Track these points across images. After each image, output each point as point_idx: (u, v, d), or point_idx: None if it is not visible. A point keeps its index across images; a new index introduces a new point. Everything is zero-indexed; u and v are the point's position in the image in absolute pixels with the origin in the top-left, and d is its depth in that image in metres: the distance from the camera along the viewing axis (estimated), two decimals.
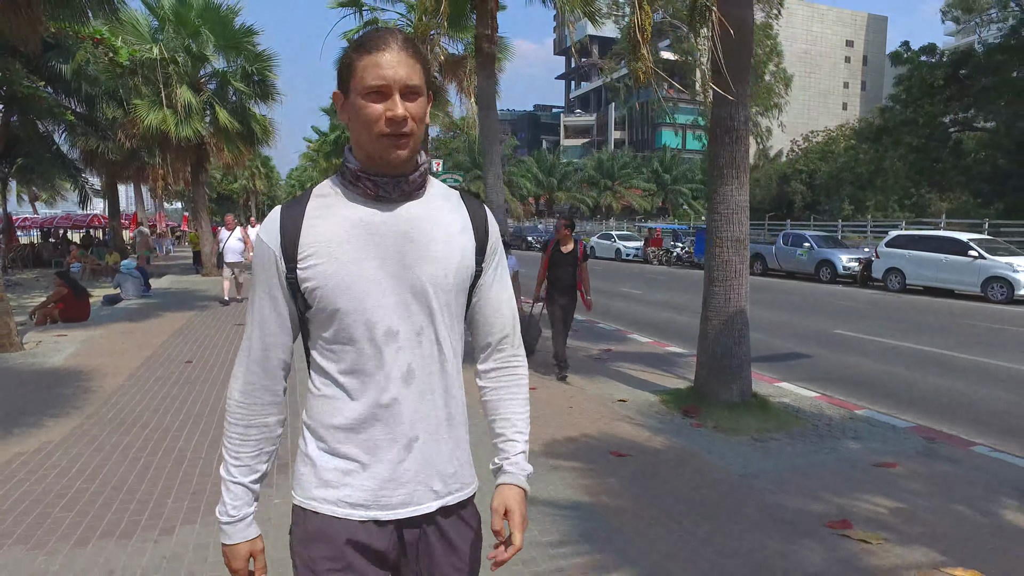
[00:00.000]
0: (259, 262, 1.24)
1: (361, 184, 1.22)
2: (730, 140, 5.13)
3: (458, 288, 1.27)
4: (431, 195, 1.29)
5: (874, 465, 4.39)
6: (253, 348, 1.26)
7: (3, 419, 4.90)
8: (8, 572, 2.76)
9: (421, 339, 1.23)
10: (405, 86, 1.16)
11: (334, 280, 1.18)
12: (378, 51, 1.16)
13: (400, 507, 1.23)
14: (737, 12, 5.09)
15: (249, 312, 1.28)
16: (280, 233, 1.21)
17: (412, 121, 1.18)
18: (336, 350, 1.22)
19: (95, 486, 3.71)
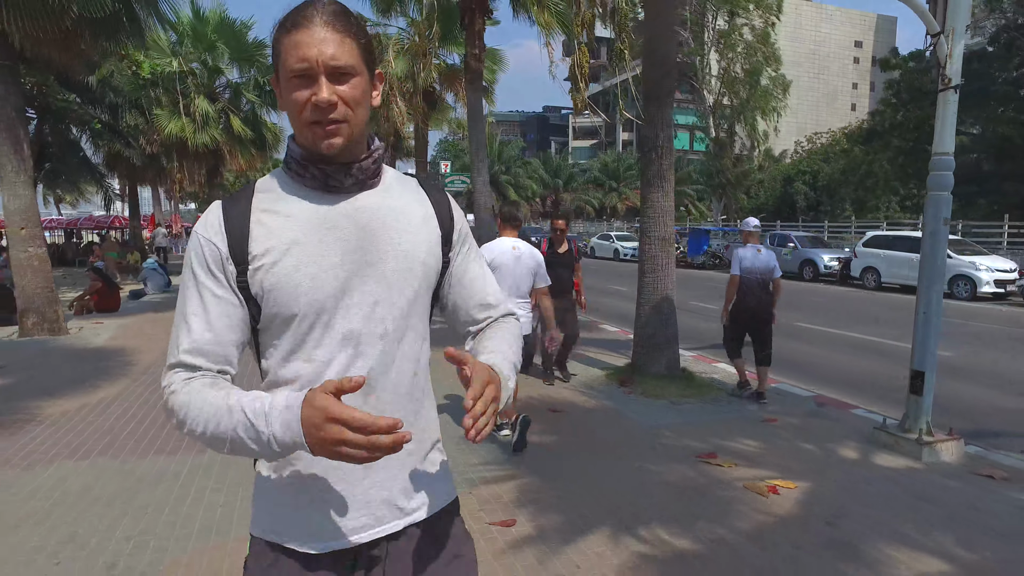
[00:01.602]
0: (198, 262, 1.07)
1: (308, 173, 1.10)
2: (656, 156, 6.22)
3: (425, 282, 1.17)
4: (388, 183, 1.19)
5: (761, 421, 5.46)
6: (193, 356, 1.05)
7: (66, 383, 6.10)
8: (98, 470, 3.95)
9: (384, 341, 1.11)
10: (331, 66, 1.02)
11: (291, 281, 1.05)
12: (297, 29, 1.02)
13: (362, 530, 1.11)
14: (660, 48, 6.18)
15: (183, 315, 1.07)
16: (226, 232, 1.07)
17: (344, 105, 1.04)
18: (289, 361, 1.09)
19: (144, 425, 4.88)
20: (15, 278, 8.50)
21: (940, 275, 4.79)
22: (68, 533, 3.18)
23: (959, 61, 4.48)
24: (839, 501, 3.78)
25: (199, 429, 0.99)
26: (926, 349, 4.74)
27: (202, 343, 1.04)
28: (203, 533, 3.21)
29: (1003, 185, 25.13)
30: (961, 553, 3.19)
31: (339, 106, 1.04)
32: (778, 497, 3.84)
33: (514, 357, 1.20)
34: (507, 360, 1.17)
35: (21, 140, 8.12)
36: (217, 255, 1.06)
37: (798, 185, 42.81)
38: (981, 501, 3.84)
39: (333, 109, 1.03)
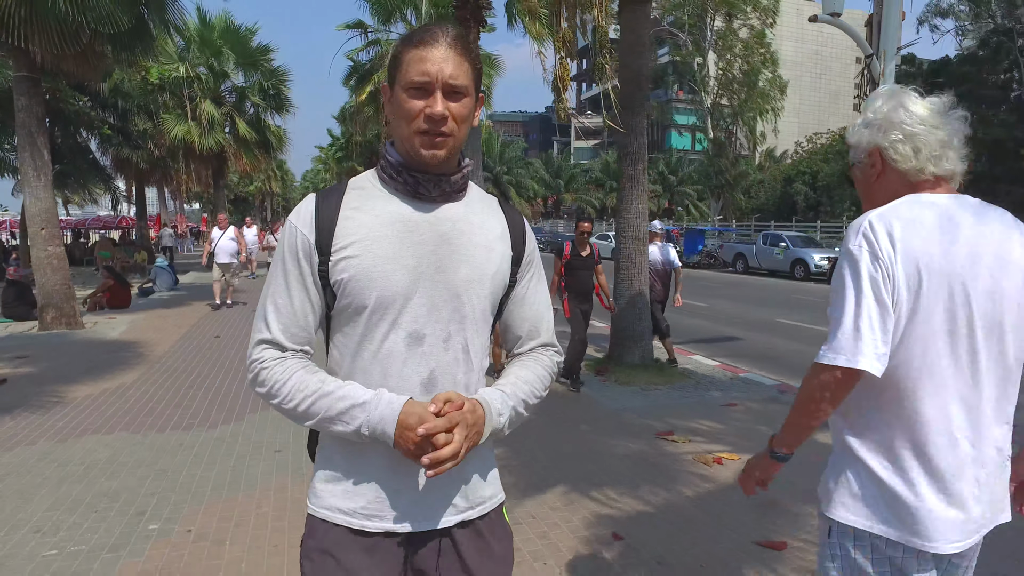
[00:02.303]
0: (290, 249, 1.17)
1: (401, 179, 1.19)
2: (630, 161, 6.74)
3: (492, 296, 1.24)
4: (470, 198, 1.27)
5: (722, 405, 5.97)
6: (276, 338, 1.17)
7: (87, 371, 6.64)
8: (121, 443, 4.51)
9: (448, 345, 1.18)
10: (448, 84, 1.12)
11: (366, 275, 1.13)
12: (425, 46, 1.12)
13: (417, 520, 1.18)
14: (634, 63, 6.69)
15: (270, 297, 1.19)
16: (315, 222, 1.16)
17: (453, 121, 1.14)
18: (358, 351, 1.17)
19: (161, 406, 5.43)
20: (35, 275, 9.05)
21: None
22: (102, 490, 3.71)
23: (891, 78, 4.98)
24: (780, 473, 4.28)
25: (291, 404, 1.13)
26: None
27: (288, 324, 1.17)
28: (216, 490, 3.74)
29: (996, 187, 25.52)
30: None
31: (449, 121, 1.13)
32: (722, 467, 4.35)
33: (524, 393, 1.26)
34: (511, 395, 1.23)
35: (41, 147, 8.68)
36: (306, 244, 1.16)
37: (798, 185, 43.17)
38: None
39: (444, 123, 1.13)
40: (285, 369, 1.15)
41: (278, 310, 1.17)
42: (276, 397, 1.14)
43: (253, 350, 1.18)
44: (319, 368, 1.19)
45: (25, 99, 8.58)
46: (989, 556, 2.01)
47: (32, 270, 9.20)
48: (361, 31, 17.68)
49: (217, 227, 12.02)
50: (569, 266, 6.28)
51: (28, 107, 8.58)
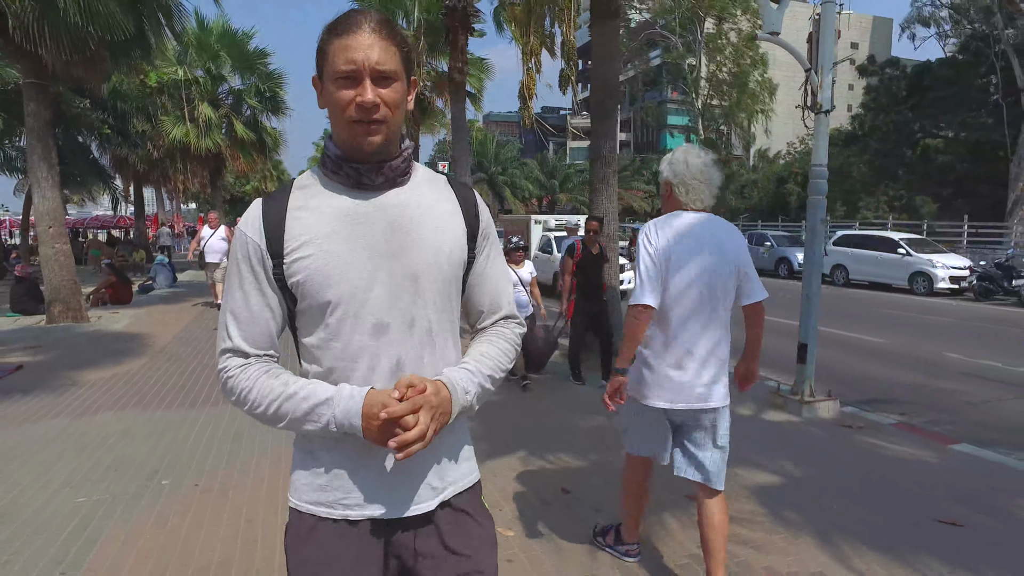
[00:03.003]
0: (242, 257, 1.19)
1: (342, 172, 1.18)
2: (601, 164, 7.25)
3: (452, 276, 1.24)
4: (417, 180, 1.26)
5: None
6: (237, 346, 1.19)
7: (96, 359, 7.16)
8: (133, 418, 5.06)
9: (412, 331, 1.19)
10: (376, 70, 1.11)
11: (322, 273, 1.14)
12: (348, 34, 1.11)
13: (395, 506, 1.20)
14: (605, 73, 7.21)
15: (228, 307, 1.21)
16: (263, 227, 1.17)
17: (385, 107, 1.13)
18: (324, 346, 1.18)
19: (167, 388, 5.95)
20: (44, 271, 9.53)
21: (819, 265, 5.80)
22: (119, 455, 4.23)
23: (828, 90, 5.51)
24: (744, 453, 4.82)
25: (260, 409, 1.15)
26: (808, 326, 5.77)
27: (247, 331, 1.18)
28: (218, 455, 4.26)
29: (977, 187, 26.14)
30: (790, 470, 4.23)
31: (380, 107, 1.12)
32: None
33: (488, 368, 1.27)
34: (476, 371, 1.25)
35: (50, 149, 9.16)
36: (257, 250, 1.17)
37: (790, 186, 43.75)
38: (828, 441, 4.89)
39: (376, 110, 1.12)
40: (249, 376, 1.17)
41: (237, 318, 1.19)
42: (245, 404, 1.17)
43: (219, 360, 1.21)
44: (284, 370, 1.21)
45: (34, 104, 9.06)
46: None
47: (40, 266, 9.67)
48: None
49: (208, 225, 11.84)
50: (580, 265, 6.33)
51: (37, 112, 9.07)
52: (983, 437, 5.20)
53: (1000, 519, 3.57)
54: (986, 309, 13.99)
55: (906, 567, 3.01)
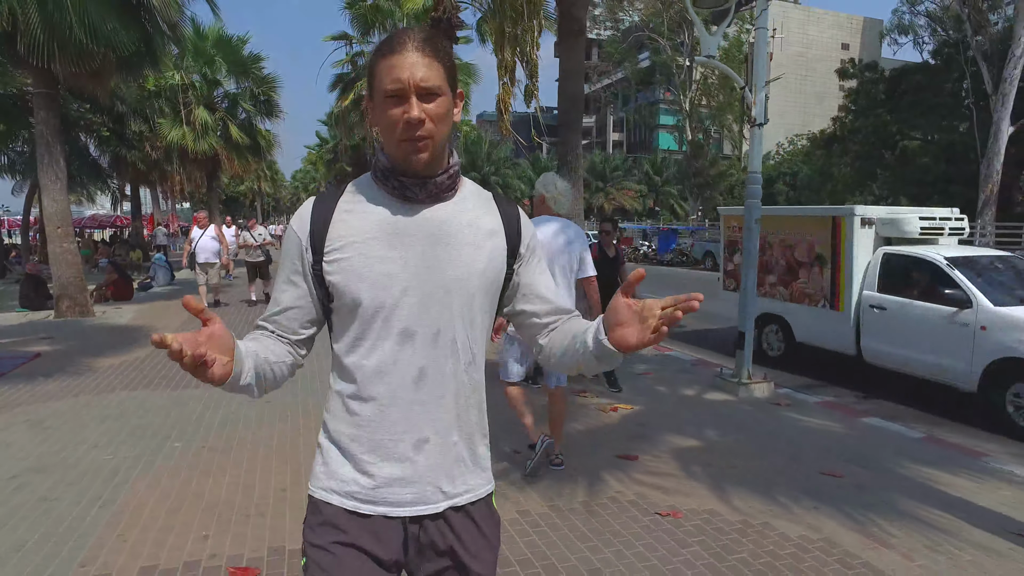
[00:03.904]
0: (287, 250, 1.28)
1: (389, 183, 1.25)
2: (567, 170, 7.93)
3: (483, 291, 1.28)
4: (462, 196, 1.31)
5: (638, 374, 7.19)
6: (277, 321, 1.30)
7: (106, 348, 7.83)
8: (145, 396, 5.75)
9: (437, 341, 1.24)
10: (421, 87, 1.15)
11: (356, 275, 1.20)
12: (393, 54, 1.16)
13: (408, 505, 1.25)
14: (571, 87, 7.90)
15: (274, 297, 1.32)
16: (310, 224, 1.24)
17: (430, 122, 1.17)
18: (354, 347, 1.24)
19: (174, 371, 6.63)
20: (52, 269, 10.18)
21: (754, 260, 6.50)
22: (136, 424, 4.92)
23: (762, 105, 6.22)
24: (656, 416, 5.53)
25: None
26: (746, 315, 6.47)
27: (279, 316, 1.29)
28: (221, 424, 4.95)
29: (949, 188, 26.96)
30: (712, 438, 4.94)
31: (426, 123, 1.16)
32: (615, 413, 5.59)
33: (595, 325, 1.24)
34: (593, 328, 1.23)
35: (58, 155, 9.81)
36: (300, 244, 1.25)
37: (779, 186, 44.58)
38: (752, 415, 5.60)
39: (421, 126, 1.16)
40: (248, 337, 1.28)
41: (275, 303, 1.30)
42: None
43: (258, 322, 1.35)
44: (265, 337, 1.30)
45: (44, 112, 9.70)
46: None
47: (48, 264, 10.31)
48: (346, 42, 18.88)
49: (197, 226, 11.55)
50: (596, 266, 6.75)
51: (46, 120, 9.71)
52: (893, 413, 5.92)
53: (874, 471, 4.30)
54: None
55: (779, 506, 3.72)
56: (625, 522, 3.48)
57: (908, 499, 3.84)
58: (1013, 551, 3.23)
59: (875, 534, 3.39)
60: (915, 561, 3.12)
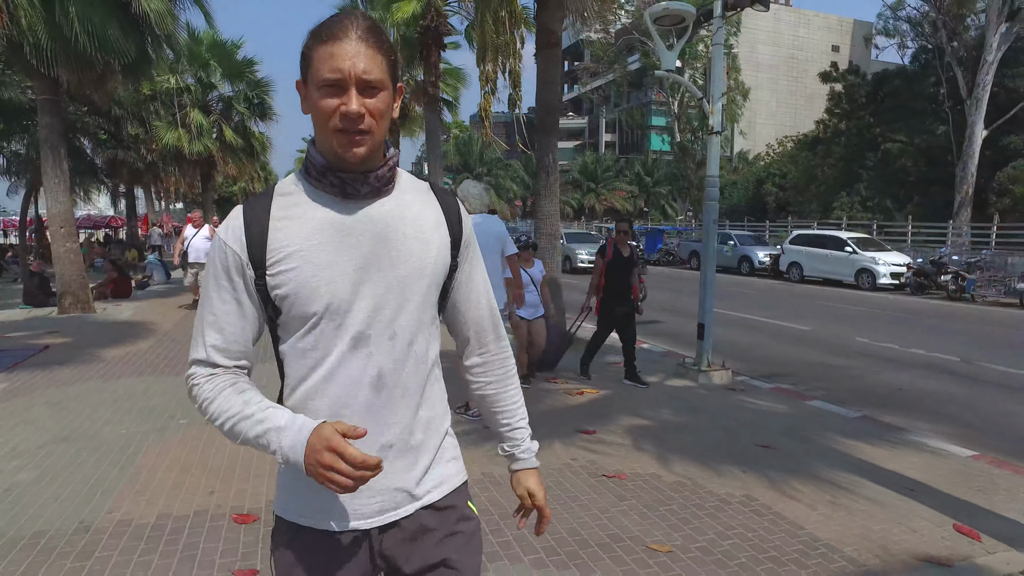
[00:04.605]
0: (221, 267, 1.17)
1: (327, 180, 1.17)
2: (544, 173, 8.49)
3: (433, 286, 1.25)
4: (401, 189, 1.26)
5: (608, 363, 7.72)
6: (210, 355, 1.18)
7: (110, 341, 8.34)
8: (150, 382, 6.26)
9: (394, 342, 1.20)
10: (362, 80, 1.09)
11: (307, 287, 1.14)
12: (334, 40, 1.08)
13: (377, 515, 1.21)
14: (547, 96, 8.45)
15: (202, 316, 1.20)
16: (245, 235, 1.15)
17: (370, 117, 1.11)
18: (304, 355, 1.18)
19: (174, 360, 7.16)
20: (55, 267, 10.66)
21: (713, 257, 7.05)
22: (144, 405, 5.45)
23: (719, 115, 6.76)
24: (618, 399, 6.07)
25: (219, 422, 1.15)
26: (705, 308, 7.03)
27: (221, 342, 1.17)
28: None
29: (929, 189, 27.68)
30: (665, 417, 5.49)
31: (366, 117, 1.10)
32: (581, 397, 6.12)
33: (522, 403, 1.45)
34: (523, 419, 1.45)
35: (62, 158, 10.29)
36: (237, 261, 1.15)
37: (768, 186, 45.22)
38: (708, 399, 6.16)
39: (361, 120, 1.10)
40: (214, 387, 1.17)
41: (211, 328, 1.18)
42: (205, 414, 1.17)
43: (188, 367, 1.21)
44: (250, 386, 1.20)
45: (48, 118, 10.18)
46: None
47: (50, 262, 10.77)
48: None
49: (191, 225, 11.52)
50: (610, 267, 6.48)
51: (51, 124, 10.19)
52: (843, 398, 6.45)
53: (804, 444, 4.85)
54: (916, 302, 15.38)
55: (712, 470, 4.27)
56: (575, 482, 4.02)
57: (825, 465, 4.40)
58: (899, 501, 3.80)
59: (788, 491, 3.94)
60: (816, 511, 3.67)
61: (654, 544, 3.21)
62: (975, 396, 6.68)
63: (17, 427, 4.89)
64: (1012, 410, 6.18)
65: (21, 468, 4.06)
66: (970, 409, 6.21)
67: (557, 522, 3.45)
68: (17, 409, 5.36)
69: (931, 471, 4.34)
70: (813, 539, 3.33)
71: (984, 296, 15.65)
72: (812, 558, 3.13)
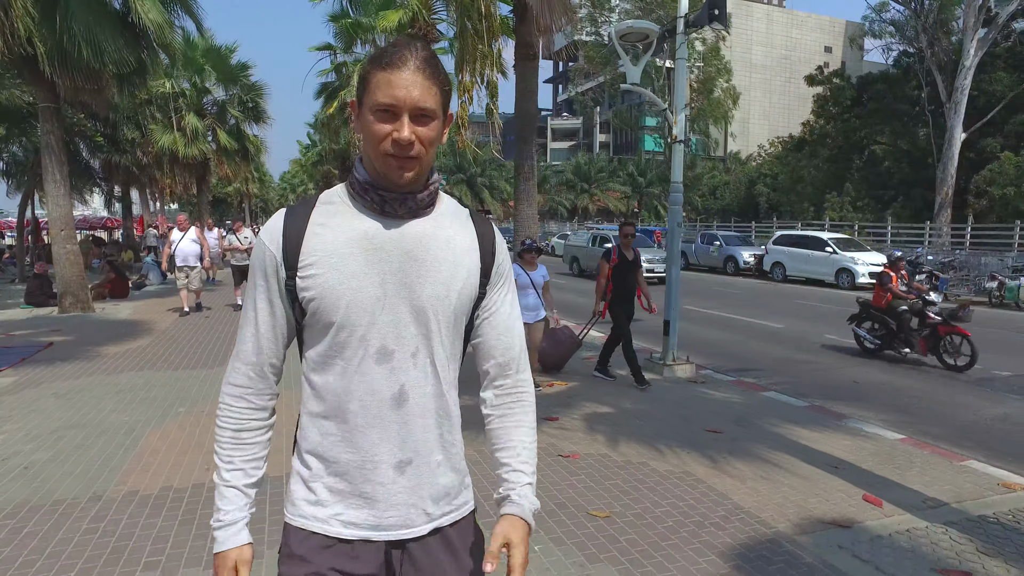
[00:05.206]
0: (259, 265, 1.23)
1: (368, 197, 1.21)
2: (523, 178, 8.96)
3: (459, 310, 1.26)
4: (440, 212, 1.28)
5: (583, 359, 8.17)
6: (247, 351, 1.25)
7: (111, 338, 8.78)
8: (150, 375, 6.71)
9: (416, 360, 1.22)
10: (416, 108, 1.14)
11: (333, 292, 1.17)
12: (393, 68, 1.13)
13: (391, 529, 1.23)
14: (526, 105, 8.91)
15: (244, 314, 1.27)
16: (283, 238, 1.20)
17: (420, 145, 1.16)
18: (328, 365, 1.21)
19: (173, 356, 7.59)
20: (56, 268, 11.07)
21: (677, 257, 7.52)
22: (145, 396, 5.89)
23: (683, 124, 7.24)
24: (585, 390, 6.54)
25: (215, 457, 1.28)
26: (671, 306, 7.49)
27: (260, 340, 1.25)
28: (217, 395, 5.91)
29: (912, 191, 28.25)
30: (626, 406, 5.96)
31: (416, 145, 1.15)
32: (552, 389, 6.59)
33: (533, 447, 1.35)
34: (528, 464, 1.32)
35: (62, 163, 10.71)
36: (273, 260, 1.21)
37: (760, 187, 45.74)
38: (669, 389, 6.63)
39: (411, 148, 1.15)
40: (229, 421, 1.27)
41: (252, 324, 1.25)
42: (215, 442, 1.29)
43: (229, 369, 1.29)
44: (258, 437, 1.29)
45: (48, 124, 10.60)
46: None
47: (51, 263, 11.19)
48: (331, 52, 19.80)
49: (176, 228, 11.37)
50: (616, 269, 6.66)
51: (51, 131, 10.61)
52: (802, 391, 6.89)
53: (749, 429, 5.33)
54: None
55: (658, 452, 4.74)
56: None
57: (764, 446, 4.88)
58: (821, 477, 4.28)
59: (724, 468, 4.42)
60: (746, 484, 4.15)
61: (594, 511, 3.68)
62: (924, 387, 7.17)
63: (29, 415, 5.34)
64: (956, 400, 6.67)
65: (36, 449, 4.52)
66: (916, 399, 6.70)
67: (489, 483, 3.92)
68: (27, 400, 5.80)
69: (859, 451, 4.82)
70: (736, 507, 3.80)
71: (957, 295, 16.17)
72: (731, 522, 3.60)
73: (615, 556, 3.19)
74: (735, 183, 46.78)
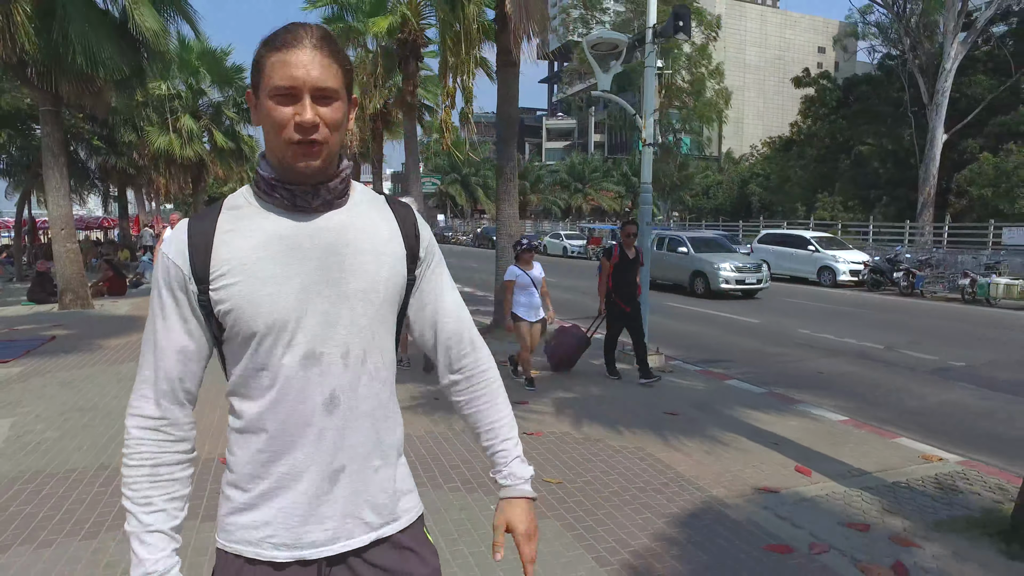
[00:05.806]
0: (164, 281, 1.13)
1: (276, 194, 1.13)
2: (504, 179, 9.39)
3: (389, 301, 1.19)
4: (355, 201, 1.21)
5: None
6: (157, 378, 1.14)
7: (110, 333, 9.19)
8: None
9: (347, 361, 1.15)
10: (317, 88, 1.06)
11: (250, 302, 1.09)
12: (288, 48, 1.06)
13: (327, 544, 1.15)
14: (507, 109, 9.35)
15: (148, 339, 1.16)
16: (189, 250, 1.11)
17: (325, 127, 1.08)
18: (254, 377, 1.13)
19: None
20: (56, 266, 11.48)
21: (648, 255, 7.94)
22: None
23: (651, 128, 7.67)
24: (556, 379, 6.97)
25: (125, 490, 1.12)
26: (641, 299, 7.92)
27: (167, 364, 1.14)
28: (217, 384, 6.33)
29: (896, 190, 28.80)
30: (594, 392, 6.40)
31: (320, 128, 1.07)
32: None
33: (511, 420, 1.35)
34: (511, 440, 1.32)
35: (62, 164, 11.10)
36: (180, 275, 1.11)
37: (752, 186, 46.20)
38: (637, 378, 7.06)
39: (315, 130, 1.06)
40: (141, 457, 1.13)
41: (158, 348, 1.14)
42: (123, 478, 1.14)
43: (130, 405, 1.17)
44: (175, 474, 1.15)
45: (49, 127, 10.99)
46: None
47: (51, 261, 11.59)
48: None
49: (170, 227, 11.63)
50: (617, 267, 6.76)
51: (51, 133, 11.01)
52: (767, 380, 7.28)
53: (706, 412, 5.77)
54: (870, 297, 16.38)
55: (616, 431, 5.18)
56: None
57: (715, 427, 5.32)
58: (761, 451, 4.73)
59: (674, 445, 4.86)
60: (691, 458, 4.59)
61: (548, 478, 4.12)
62: (883, 377, 7.62)
63: (37, 400, 5.77)
64: (909, 388, 7.11)
65: (46, 429, 4.95)
66: (873, 388, 7.14)
67: (455, 454, 4.36)
68: (34, 387, 6.22)
69: (802, 431, 5.27)
70: (678, 475, 4.24)
71: (933, 292, 16.67)
72: (671, 488, 4.04)
73: (560, 513, 3.63)
74: (728, 183, 47.18)
